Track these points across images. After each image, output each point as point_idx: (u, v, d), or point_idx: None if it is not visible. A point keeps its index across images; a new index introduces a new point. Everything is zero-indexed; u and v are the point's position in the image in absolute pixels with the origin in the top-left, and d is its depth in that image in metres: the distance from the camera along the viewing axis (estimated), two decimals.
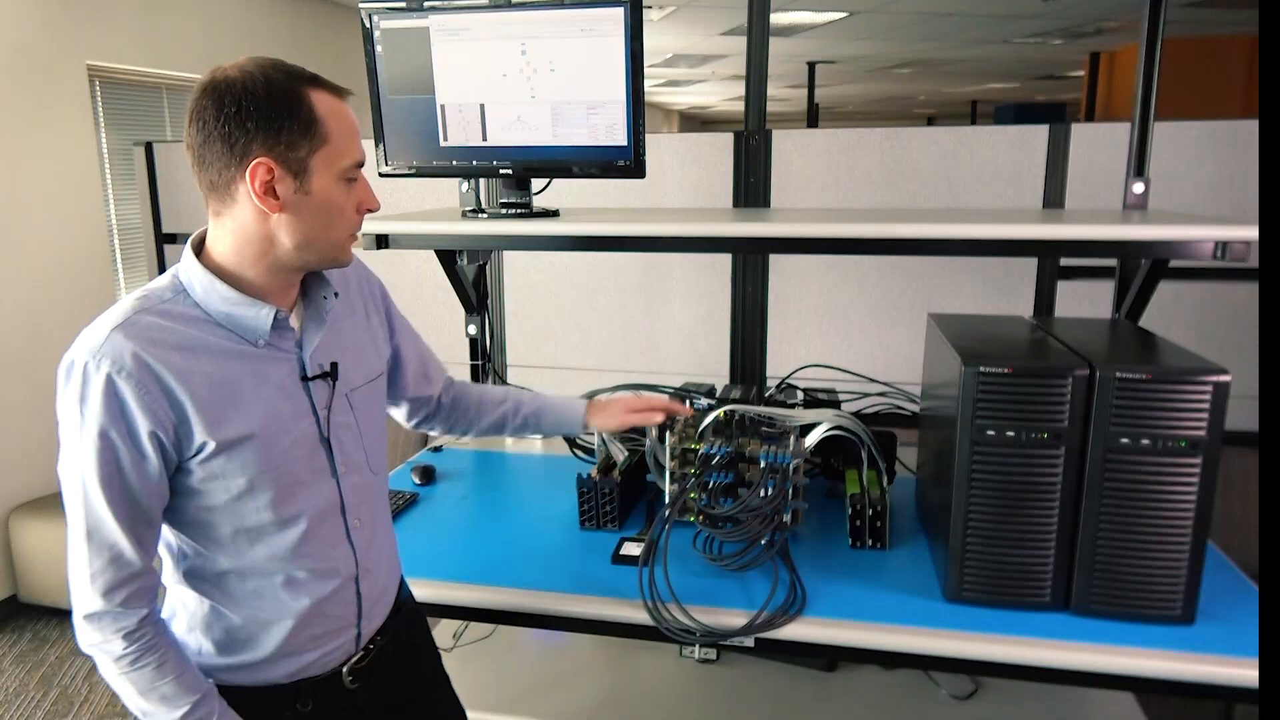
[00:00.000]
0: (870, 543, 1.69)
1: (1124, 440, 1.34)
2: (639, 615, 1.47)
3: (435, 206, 2.86)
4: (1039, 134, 2.73)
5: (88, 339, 1.02)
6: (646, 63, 1.74)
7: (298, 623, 1.17)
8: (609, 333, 3.08)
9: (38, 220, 3.48)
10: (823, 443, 1.78)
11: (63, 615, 3.48)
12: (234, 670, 1.16)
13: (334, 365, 1.18)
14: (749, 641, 1.44)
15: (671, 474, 1.74)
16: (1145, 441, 1.34)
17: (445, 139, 1.84)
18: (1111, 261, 2.17)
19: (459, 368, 2.15)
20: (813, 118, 10.59)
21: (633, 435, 1.98)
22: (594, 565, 1.65)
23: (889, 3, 5.94)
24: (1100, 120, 7.57)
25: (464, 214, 1.95)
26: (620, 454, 1.88)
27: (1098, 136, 2.69)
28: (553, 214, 1.91)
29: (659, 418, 1.62)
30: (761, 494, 1.60)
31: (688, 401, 1.87)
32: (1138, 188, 1.98)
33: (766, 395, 1.95)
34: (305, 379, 1.15)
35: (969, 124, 8.80)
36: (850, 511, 1.68)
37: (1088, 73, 8.42)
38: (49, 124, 3.50)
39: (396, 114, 1.84)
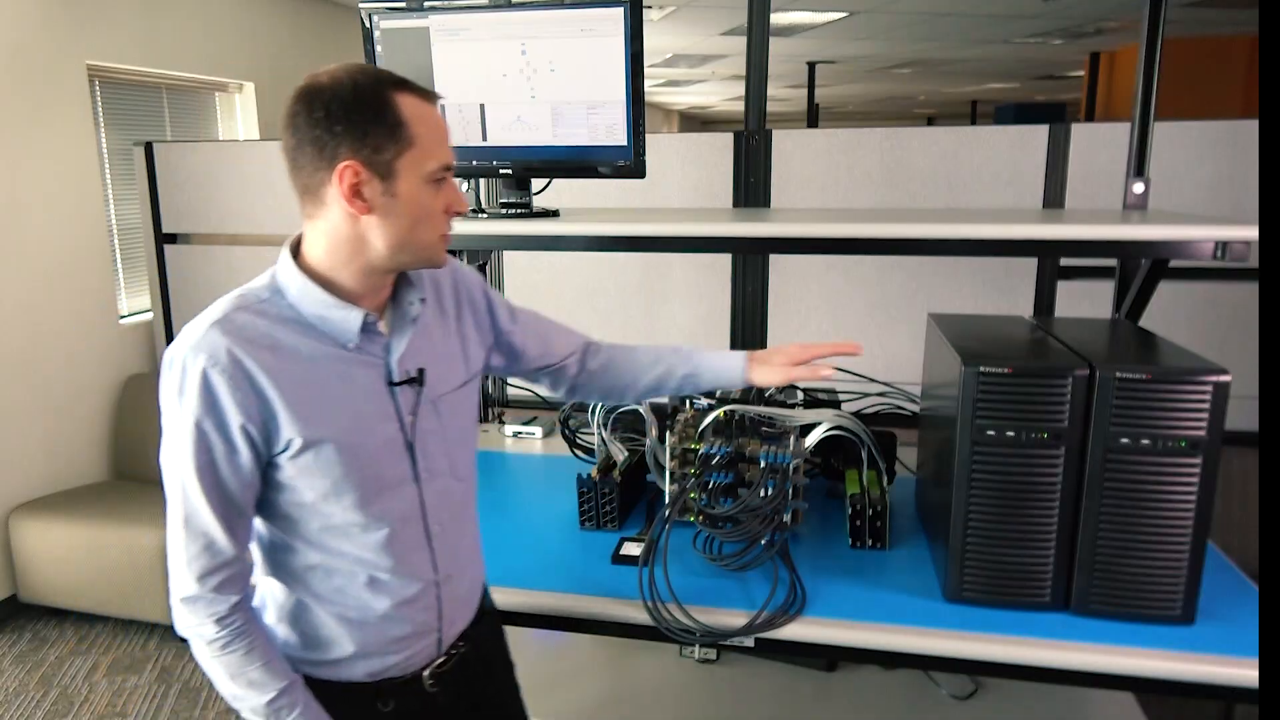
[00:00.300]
0: (870, 543, 1.69)
1: (1124, 440, 1.34)
2: (639, 615, 1.47)
3: None
4: (1039, 134, 2.74)
5: (188, 334, 1.07)
6: (646, 63, 1.74)
7: (379, 623, 1.19)
8: (609, 333, 3.06)
9: (38, 220, 3.48)
10: (823, 443, 1.78)
11: (62, 615, 3.48)
12: (318, 665, 1.19)
13: (421, 371, 1.18)
14: (749, 641, 1.44)
15: (671, 474, 1.74)
16: (1145, 441, 1.34)
17: None
18: (1111, 261, 2.17)
19: None
20: (813, 118, 10.59)
21: (632, 435, 1.98)
22: (594, 565, 1.64)
23: (889, 3, 5.94)
24: (1100, 120, 7.57)
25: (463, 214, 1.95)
26: (620, 454, 1.88)
27: (1098, 136, 2.70)
28: (553, 214, 1.91)
29: (827, 370, 1.44)
30: (761, 494, 1.60)
31: (687, 401, 1.88)
32: (1138, 188, 1.98)
33: (766, 395, 1.95)
34: (391, 384, 1.16)
35: (969, 124, 8.80)
36: (850, 511, 1.68)
37: (1088, 73, 8.42)
38: (49, 124, 3.50)
39: None
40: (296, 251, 1.13)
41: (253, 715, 1.13)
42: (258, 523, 1.16)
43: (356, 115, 1.03)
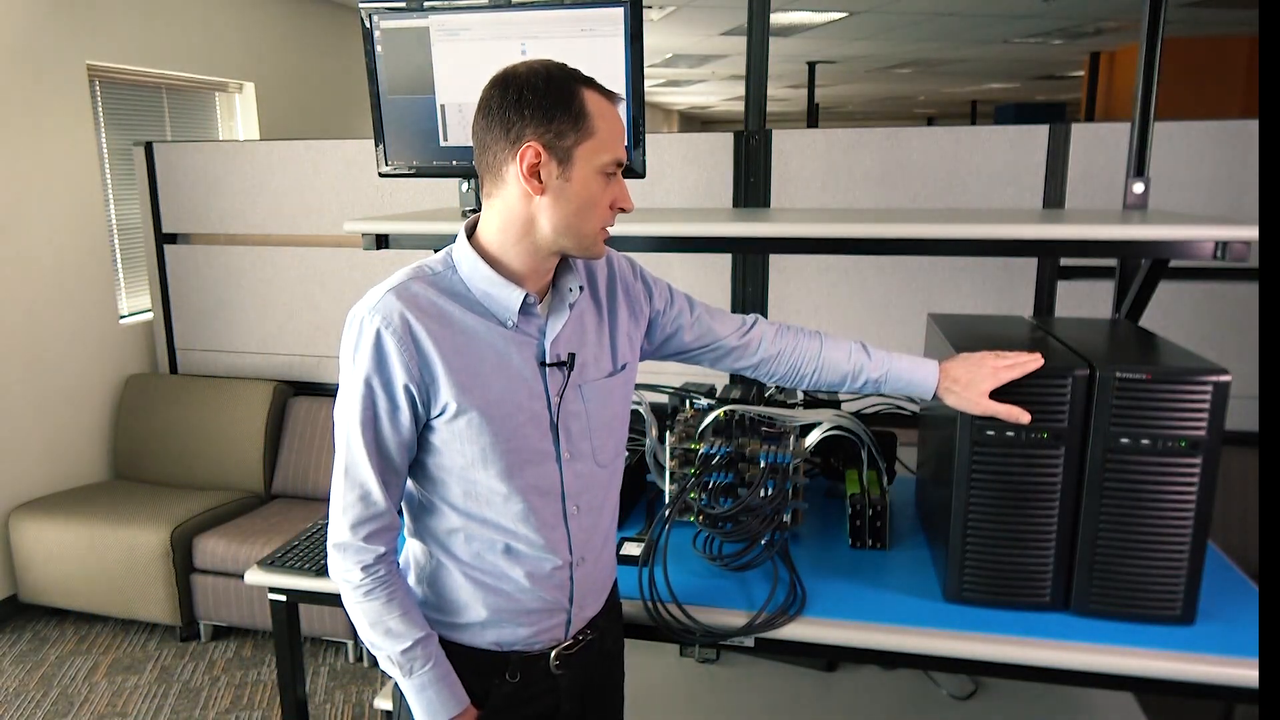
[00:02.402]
0: (870, 543, 1.69)
1: (1124, 440, 1.34)
2: (639, 615, 1.47)
3: (435, 206, 2.86)
4: (1039, 134, 2.73)
5: (369, 298, 1.16)
6: (646, 63, 1.74)
7: (512, 593, 1.24)
8: None
9: (38, 220, 3.48)
10: (823, 442, 1.78)
11: (62, 615, 3.48)
12: (451, 628, 1.25)
13: (571, 356, 1.23)
14: (749, 641, 1.44)
15: (671, 474, 1.74)
16: (1145, 441, 1.34)
17: (445, 139, 1.83)
18: (1111, 261, 2.17)
19: None
20: (813, 118, 10.59)
21: (632, 435, 1.98)
22: None
23: (889, 3, 5.94)
24: (1100, 120, 7.57)
25: (464, 214, 1.95)
26: None
27: (1098, 136, 2.69)
28: None
29: (1026, 418, 1.36)
30: (761, 494, 1.60)
31: (687, 401, 1.88)
32: (1138, 188, 1.98)
33: (766, 395, 1.95)
34: (543, 364, 1.21)
35: (969, 124, 8.80)
36: (850, 511, 1.68)
37: (1088, 73, 8.42)
38: (49, 124, 3.50)
39: (396, 114, 1.84)
40: (472, 232, 1.21)
41: (388, 664, 1.20)
42: (408, 484, 1.24)
43: (545, 100, 1.11)
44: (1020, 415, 1.36)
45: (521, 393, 1.19)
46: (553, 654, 1.29)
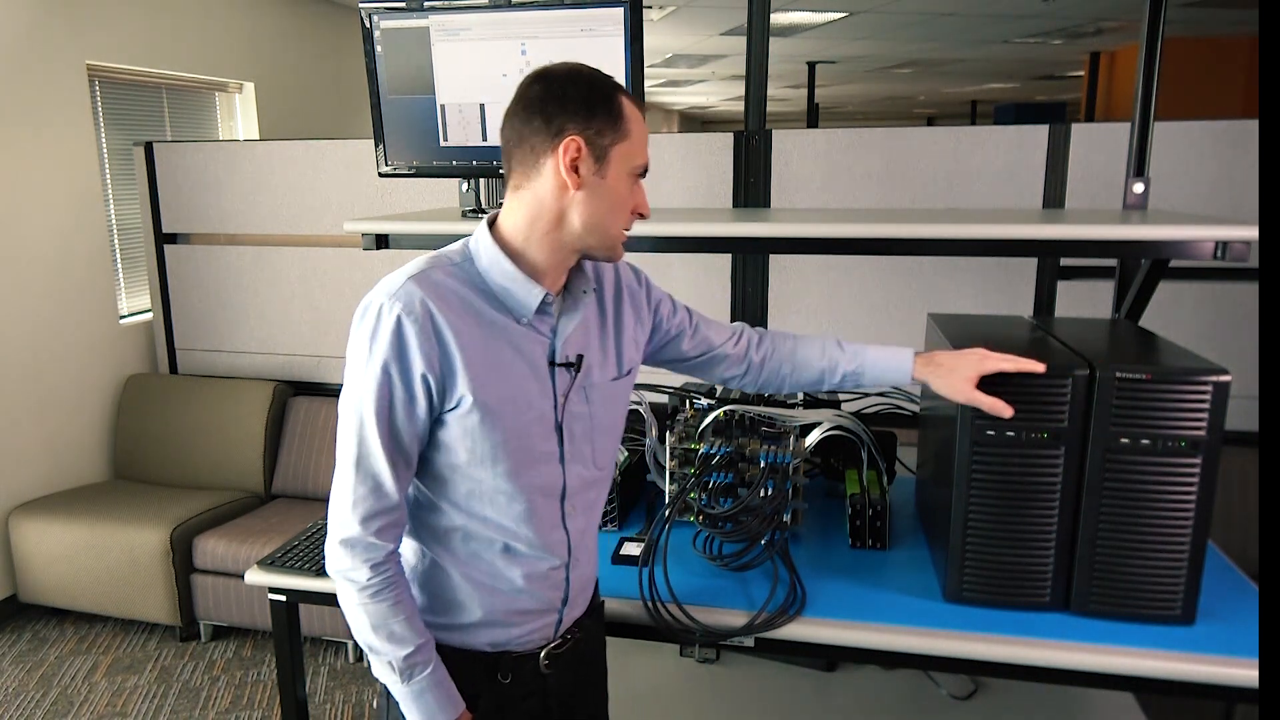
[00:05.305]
0: (870, 543, 1.69)
1: (1124, 440, 1.34)
2: (639, 615, 1.47)
3: (435, 206, 2.87)
4: (1039, 134, 2.73)
5: (386, 284, 1.14)
6: (646, 63, 1.74)
7: (508, 593, 1.24)
8: None
9: (38, 220, 3.48)
10: (823, 442, 1.78)
11: (62, 615, 3.48)
12: (444, 630, 1.24)
13: (579, 358, 1.24)
14: (749, 641, 1.44)
15: (671, 474, 1.74)
16: (1145, 441, 1.34)
17: (445, 139, 1.84)
18: (1111, 261, 2.17)
19: None
20: (813, 118, 10.59)
21: (633, 435, 1.98)
22: None
23: (889, 2, 5.94)
24: (1100, 120, 7.57)
25: (464, 214, 1.95)
26: (620, 454, 1.88)
27: (1098, 136, 2.69)
28: None
29: (1008, 411, 1.36)
30: (761, 494, 1.60)
31: (687, 401, 1.88)
32: (1138, 188, 1.98)
33: (766, 394, 1.95)
34: (552, 364, 1.21)
35: (969, 124, 8.79)
36: (850, 511, 1.68)
37: (1088, 73, 8.43)
38: (49, 124, 3.50)
39: (396, 114, 1.84)
40: (492, 225, 1.21)
41: (385, 669, 1.18)
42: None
43: (590, 97, 1.13)
44: (1003, 409, 1.35)
45: (533, 390, 1.19)
46: (542, 653, 1.28)
